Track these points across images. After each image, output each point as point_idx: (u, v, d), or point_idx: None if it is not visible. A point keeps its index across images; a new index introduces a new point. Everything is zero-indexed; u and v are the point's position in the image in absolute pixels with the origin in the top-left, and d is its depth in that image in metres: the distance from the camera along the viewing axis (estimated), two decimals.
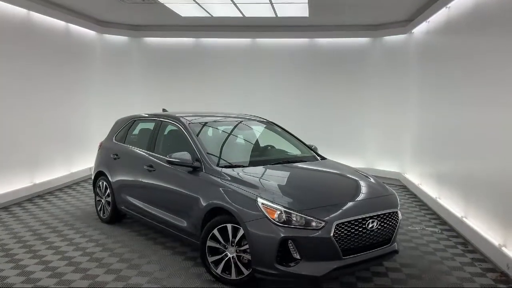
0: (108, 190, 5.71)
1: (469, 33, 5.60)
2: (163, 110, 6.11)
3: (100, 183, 5.92)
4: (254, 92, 9.62)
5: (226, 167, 4.33)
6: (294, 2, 7.09)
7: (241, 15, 8.10)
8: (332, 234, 3.53)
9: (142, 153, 5.28)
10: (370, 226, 3.77)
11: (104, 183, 5.82)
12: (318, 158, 5.16)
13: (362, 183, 4.38)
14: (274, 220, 3.58)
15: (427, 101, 7.37)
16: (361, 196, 4.13)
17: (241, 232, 3.75)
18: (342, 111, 9.43)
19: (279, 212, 3.60)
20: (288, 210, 3.61)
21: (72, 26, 8.38)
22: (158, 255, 4.66)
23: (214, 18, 8.42)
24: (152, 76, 9.94)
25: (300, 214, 3.59)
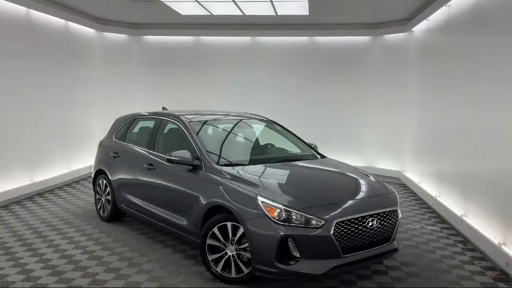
0: (108, 189, 5.71)
1: (469, 31, 5.60)
2: (163, 108, 6.10)
3: (100, 181, 5.93)
4: (254, 90, 9.61)
5: (226, 165, 4.33)
6: (294, 0, 7.08)
7: (241, 13, 8.09)
8: (332, 233, 3.54)
9: (142, 151, 5.28)
10: (370, 224, 3.77)
11: (104, 181, 5.82)
12: (318, 156, 5.15)
13: (362, 181, 4.38)
14: (274, 218, 3.58)
15: (427, 99, 7.37)
16: (361, 195, 4.13)
17: (241, 230, 3.76)
18: (341, 109, 9.43)
19: (279, 210, 3.60)
20: (288, 209, 3.61)
21: (72, 24, 8.37)
22: (158, 254, 4.67)
23: (214, 16, 8.41)
24: (151, 75, 9.93)
25: (300, 213, 3.59)
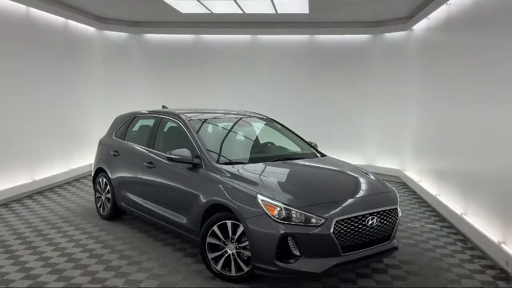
0: (108, 187, 5.71)
1: (469, 30, 5.59)
2: (163, 106, 6.10)
3: (100, 179, 5.93)
4: (254, 89, 9.60)
5: (226, 164, 4.33)
6: None
7: (241, 12, 8.09)
8: (331, 231, 3.54)
9: (142, 149, 5.27)
10: (370, 223, 3.77)
11: (104, 179, 5.82)
12: (318, 155, 5.15)
13: (361, 180, 4.38)
14: (274, 216, 3.58)
15: (427, 97, 7.37)
16: (360, 193, 4.13)
17: (241, 228, 3.76)
18: (341, 108, 9.42)
19: (279, 209, 3.60)
20: (288, 207, 3.61)
21: (72, 23, 8.36)
22: (158, 252, 4.67)
23: (214, 14, 8.40)
24: (151, 73, 9.93)
25: (300, 211, 3.59)
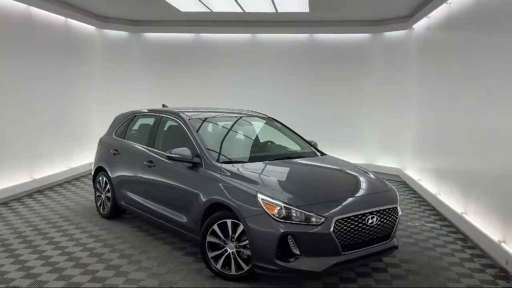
0: (108, 186, 5.71)
1: (469, 29, 5.58)
2: (163, 105, 6.10)
3: (100, 178, 5.93)
4: (253, 88, 9.59)
5: (226, 162, 4.33)
6: None
7: (241, 10, 8.08)
8: (331, 230, 3.54)
9: (142, 148, 5.27)
10: (370, 221, 3.77)
11: (104, 178, 5.82)
12: (318, 154, 5.15)
13: (361, 179, 4.38)
14: (274, 215, 3.58)
15: (427, 96, 7.36)
16: (360, 192, 4.13)
17: (241, 227, 3.76)
18: (341, 107, 9.42)
19: (279, 207, 3.60)
20: (288, 206, 3.61)
21: (72, 21, 8.35)
22: (158, 251, 4.67)
23: (214, 13, 8.39)
24: (151, 72, 9.92)
25: (300, 210, 3.59)
